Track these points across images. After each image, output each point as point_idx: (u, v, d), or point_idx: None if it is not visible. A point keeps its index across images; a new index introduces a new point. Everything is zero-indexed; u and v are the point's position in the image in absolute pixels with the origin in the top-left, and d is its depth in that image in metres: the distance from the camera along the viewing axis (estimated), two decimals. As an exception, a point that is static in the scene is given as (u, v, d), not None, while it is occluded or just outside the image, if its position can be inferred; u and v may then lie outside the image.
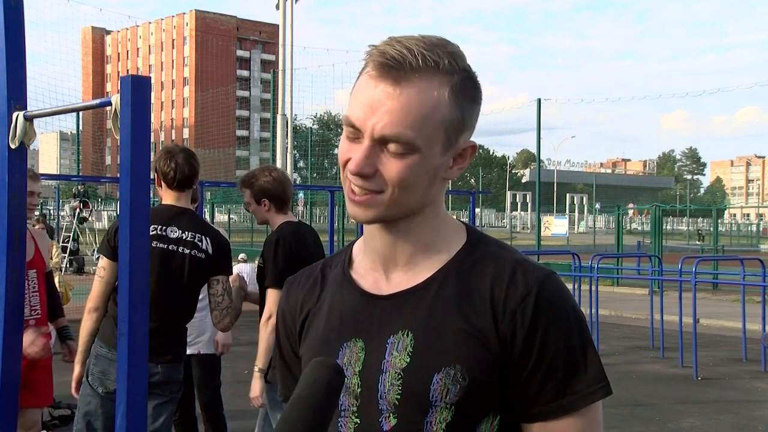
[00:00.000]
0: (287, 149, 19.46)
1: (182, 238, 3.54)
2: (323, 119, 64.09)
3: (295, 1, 19.94)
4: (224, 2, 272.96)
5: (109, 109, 2.00)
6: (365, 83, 1.15)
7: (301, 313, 1.32)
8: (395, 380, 1.17)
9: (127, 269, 1.94)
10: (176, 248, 3.52)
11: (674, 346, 9.62)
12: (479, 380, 1.15)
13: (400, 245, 1.23)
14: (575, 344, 1.17)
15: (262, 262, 3.93)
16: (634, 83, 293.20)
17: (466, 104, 1.18)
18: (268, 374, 3.79)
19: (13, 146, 2.26)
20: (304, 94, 73.21)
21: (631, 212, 53.38)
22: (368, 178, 1.15)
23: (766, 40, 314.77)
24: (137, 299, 1.95)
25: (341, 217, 23.83)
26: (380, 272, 1.25)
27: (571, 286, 10.94)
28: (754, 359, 9.58)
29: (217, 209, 32.79)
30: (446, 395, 1.14)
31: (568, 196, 72.10)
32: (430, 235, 1.23)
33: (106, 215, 35.36)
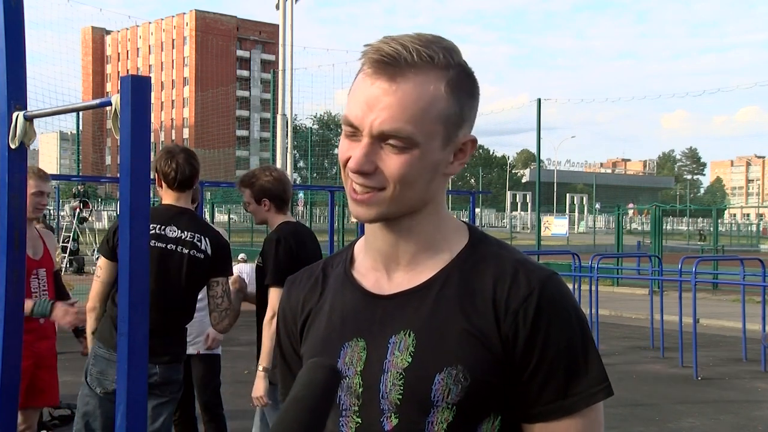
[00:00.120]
0: (287, 149, 19.46)
1: (181, 237, 3.53)
2: (323, 119, 64.06)
3: (295, 1, 19.95)
4: (224, 2, 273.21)
5: (109, 109, 2.00)
6: (362, 81, 1.16)
7: (302, 312, 1.32)
8: (397, 380, 1.17)
9: (127, 269, 1.94)
10: (175, 248, 3.51)
11: (674, 346, 9.62)
12: (481, 380, 1.14)
13: (402, 245, 1.22)
14: (577, 345, 1.17)
15: (261, 261, 3.92)
16: (634, 83, 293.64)
17: (463, 98, 1.18)
18: (269, 374, 3.78)
19: (13, 146, 2.26)
20: (304, 94, 73.32)
21: (631, 212, 53.36)
22: (369, 175, 1.15)
23: (766, 40, 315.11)
24: (137, 299, 1.95)
25: (341, 217, 23.83)
26: (382, 272, 1.25)
27: (571, 286, 10.92)
28: (754, 359, 9.57)
29: (217, 209, 32.77)
30: (448, 395, 1.14)
31: (568, 196, 72.05)
32: (432, 233, 1.23)
33: (106, 215, 35.35)
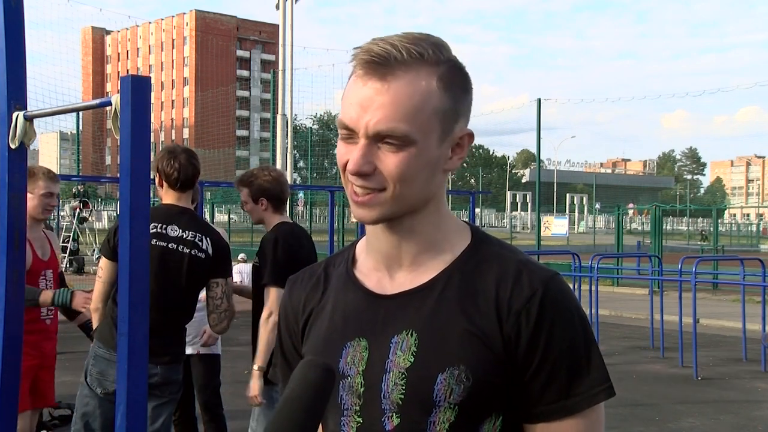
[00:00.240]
0: (287, 149, 19.48)
1: (182, 237, 3.52)
2: (323, 119, 64.08)
3: (295, 1, 19.96)
4: (224, 2, 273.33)
5: (109, 109, 2.00)
6: (354, 84, 1.16)
7: (303, 311, 1.32)
8: (399, 380, 1.17)
9: (127, 269, 1.94)
10: (176, 247, 3.50)
11: (674, 346, 9.62)
12: (483, 381, 1.14)
13: (404, 245, 1.22)
14: (579, 345, 1.17)
15: (258, 261, 3.92)
16: (634, 83, 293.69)
17: (457, 92, 1.18)
18: (268, 373, 3.78)
19: (13, 146, 2.26)
20: (304, 94, 73.48)
21: (631, 212, 53.36)
22: (368, 176, 1.15)
23: (766, 40, 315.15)
24: (137, 299, 1.95)
25: (341, 217, 23.85)
26: (384, 272, 1.25)
27: (571, 286, 10.83)
28: (754, 359, 9.57)
29: (217, 209, 32.80)
30: (450, 395, 1.14)
31: (568, 196, 72.03)
32: (433, 232, 1.23)
33: (106, 215, 35.39)
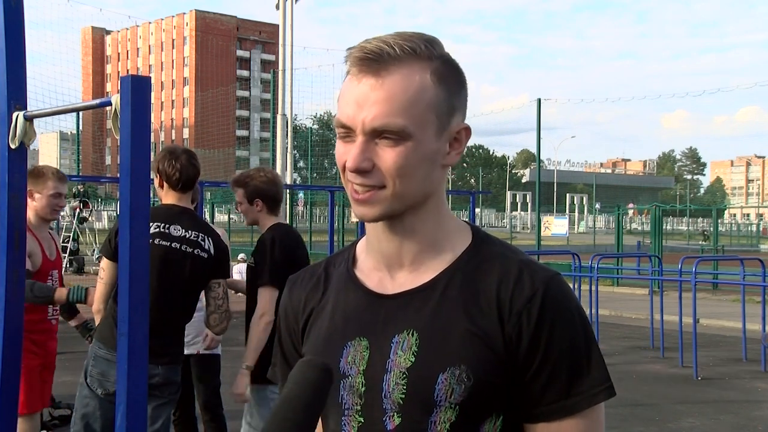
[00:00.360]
0: (287, 149, 19.47)
1: (186, 237, 3.53)
2: (323, 119, 64.03)
3: (295, 1, 19.96)
4: (224, 2, 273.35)
5: (109, 109, 2.00)
6: (349, 83, 1.17)
7: (304, 311, 1.32)
8: (400, 380, 1.17)
9: (127, 269, 1.94)
10: (179, 246, 3.50)
11: (674, 346, 9.61)
12: (484, 380, 1.15)
13: (406, 245, 1.22)
14: (580, 345, 1.17)
15: (253, 261, 3.92)
16: (634, 83, 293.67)
17: (451, 86, 1.19)
18: (268, 372, 3.78)
19: (13, 146, 2.26)
20: (304, 94, 73.30)
21: (631, 212, 53.35)
22: (367, 173, 1.15)
23: (766, 40, 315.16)
24: (137, 299, 1.95)
25: (341, 217, 23.85)
26: (385, 272, 1.25)
27: (571, 286, 10.84)
28: (754, 359, 9.57)
29: (217, 209, 32.78)
30: (451, 395, 1.14)
31: (568, 196, 72.00)
32: (434, 232, 1.23)
33: (106, 215, 35.40)
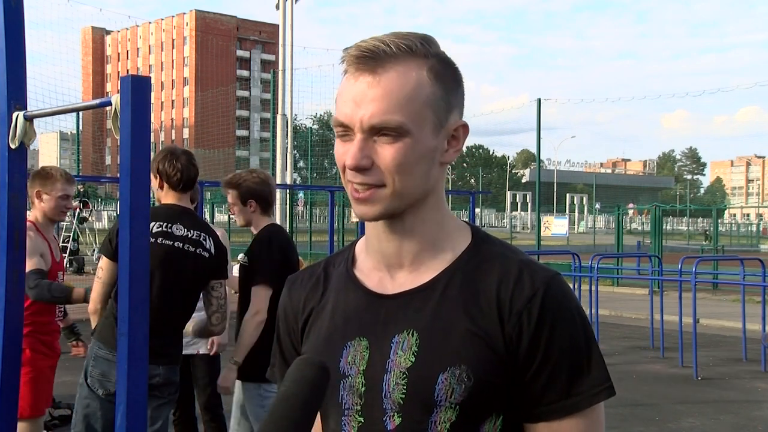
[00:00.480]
0: (287, 149, 19.46)
1: (188, 236, 3.54)
2: (323, 119, 64.02)
3: (295, 1, 19.95)
4: (224, 2, 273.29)
5: (109, 109, 2.00)
6: (346, 81, 1.18)
7: (303, 311, 1.32)
8: (400, 380, 1.17)
9: (127, 269, 1.94)
10: (182, 246, 3.51)
11: (674, 346, 9.61)
12: (484, 380, 1.15)
13: (406, 244, 1.22)
14: (580, 345, 1.17)
15: (247, 261, 3.93)
16: (634, 83, 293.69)
17: (448, 83, 1.19)
18: (267, 372, 3.78)
19: (13, 146, 2.26)
20: (304, 94, 73.18)
21: (631, 212, 53.34)
22: (366, 171, 1.15)
23: (766, 40, 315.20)
24: (137, 299, 1.95)
25: (341, 217, 23.84)
26: (384, 272, 1.25)
27: (571, 286, 10.84)
28: (754, 359, 9.57)
29: (217, 209, 32.73)
30: (451, 395, 1.14)
31: (568, 196, 71.98)
32: (434, 231, 1.23)
33: (106, 215, 35.37)
